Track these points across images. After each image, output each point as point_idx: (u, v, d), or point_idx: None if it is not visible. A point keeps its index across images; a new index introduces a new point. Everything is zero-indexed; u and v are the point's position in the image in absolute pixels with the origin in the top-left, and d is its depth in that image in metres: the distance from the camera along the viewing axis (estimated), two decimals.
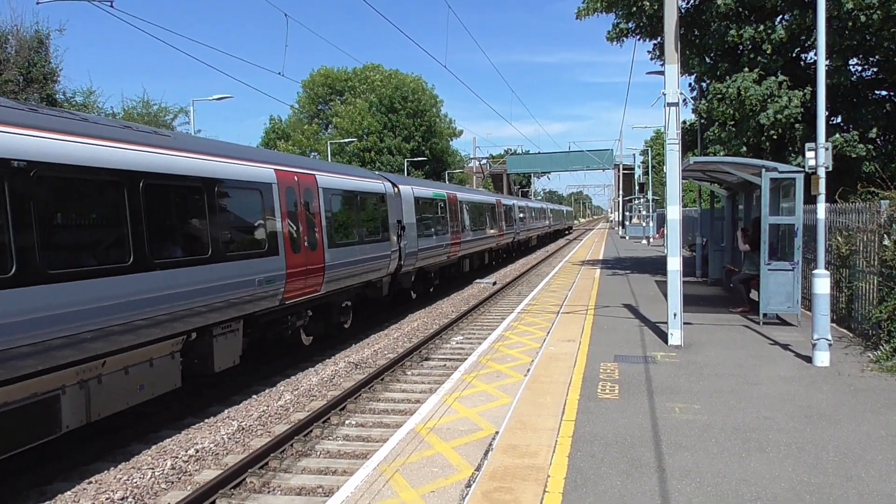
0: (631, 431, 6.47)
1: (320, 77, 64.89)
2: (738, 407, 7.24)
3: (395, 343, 14.17)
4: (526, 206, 44.12)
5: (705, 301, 14.83)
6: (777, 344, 10.39)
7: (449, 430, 6.71)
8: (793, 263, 11.48)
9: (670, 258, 10.25)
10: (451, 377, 8.91)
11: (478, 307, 18.68)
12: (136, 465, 7.41)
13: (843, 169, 15.27)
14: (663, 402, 7.42)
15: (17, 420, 6.43)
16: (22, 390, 6.44)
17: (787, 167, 12.12)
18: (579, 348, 10.26)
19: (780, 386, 8.06)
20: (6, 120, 6.45)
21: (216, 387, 10.59)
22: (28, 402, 6.55)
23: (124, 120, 29.14)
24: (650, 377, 8.48)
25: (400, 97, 59.23)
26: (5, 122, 6.41)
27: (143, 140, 8.28)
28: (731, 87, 16.18)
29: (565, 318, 13.17)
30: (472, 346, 12.91)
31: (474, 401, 7.67)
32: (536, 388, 8.06)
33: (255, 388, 10.97)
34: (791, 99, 15.73)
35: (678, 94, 10.05)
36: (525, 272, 29.07)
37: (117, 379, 7.68)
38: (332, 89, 64.74)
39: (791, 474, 5.44)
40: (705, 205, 23.30)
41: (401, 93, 59.37)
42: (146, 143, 8.25)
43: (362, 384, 10.52)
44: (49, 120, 7.06)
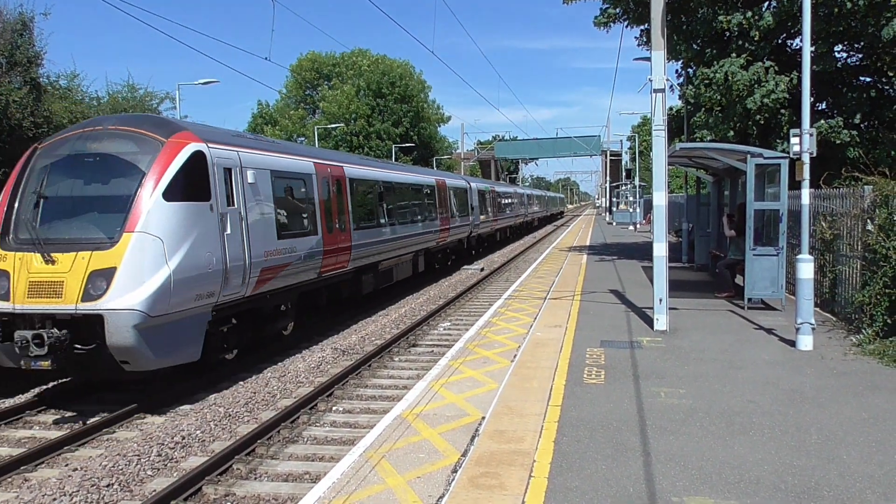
0: (616, 416, 6.50)
1: (308, 62, 64.27)
2: (723, 391, 7.29)
3: (382, 329, 14.15)
4: (532, 194, 54.30)
5: (691, 286, 14.90)
6: (761, 328, 10.47)
7: (436, 415, 6.70)
8: (777, 248, 11.55)
9: (656, 244, 10.27)
10: (439, 363, 8.91)
11: (465, 293, 18.67)
12: (122, 452, 7.36)
13: (828, 155, 15.32)
14: (649, 386, 7.45)
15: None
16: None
17: (772, 153, 12.16)
18: (566, 334, 10.28)
19: (764, 370, 8.12)
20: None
21: (204, 374, 10.53)
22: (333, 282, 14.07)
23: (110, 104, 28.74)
24: (636, 362, 8.52)
25: (388, 82, 58.78)
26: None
27: (276, 149, 12.61)
28: (719, 73, 16.15)
29: (552, 303, 13.19)
30: (460, 332, 12.91)
31: (461, 387, 7.67)
32: (523, 374, 8.07)
33: (242, 375, 10.91)
34: (777, 84, 15.73)
35: (665, 81, 10.03)
36: (513, 258, 29.12)
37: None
38: (319, 74, 64.19)
39: (774, 457, 5.49)
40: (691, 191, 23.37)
41: (388, 78, 58.92)
42: (280, 151, 12.66)
43: (349, 370, 10.50)
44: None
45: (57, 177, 9.20)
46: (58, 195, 9.09)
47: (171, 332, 8.81)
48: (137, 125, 9.50)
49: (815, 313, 9.66)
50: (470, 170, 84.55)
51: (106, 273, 8.31)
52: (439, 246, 23.12)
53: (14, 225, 8.96)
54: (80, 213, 9.00)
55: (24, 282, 8.45)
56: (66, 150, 9.35)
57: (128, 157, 9.09)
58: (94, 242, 8.51)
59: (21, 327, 8.38)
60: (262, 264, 10.73)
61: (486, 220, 31.86)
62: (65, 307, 8.30)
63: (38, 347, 8.10)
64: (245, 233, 10.33)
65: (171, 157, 9.06)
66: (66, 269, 8.37)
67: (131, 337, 8.24)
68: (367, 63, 60.77)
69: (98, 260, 8.35)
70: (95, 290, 8.28)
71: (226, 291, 9.85)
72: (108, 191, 9.02)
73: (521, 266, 25.91)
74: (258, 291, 10.83)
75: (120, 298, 8.25)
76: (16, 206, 9.09)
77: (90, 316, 8.26)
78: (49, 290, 8.37)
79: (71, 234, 8.72)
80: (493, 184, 38.95)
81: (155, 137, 9.26)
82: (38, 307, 8.37)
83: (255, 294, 10.79)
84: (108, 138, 9.31)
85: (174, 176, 8.99)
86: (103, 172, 9.12)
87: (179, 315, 8.91)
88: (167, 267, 8.65)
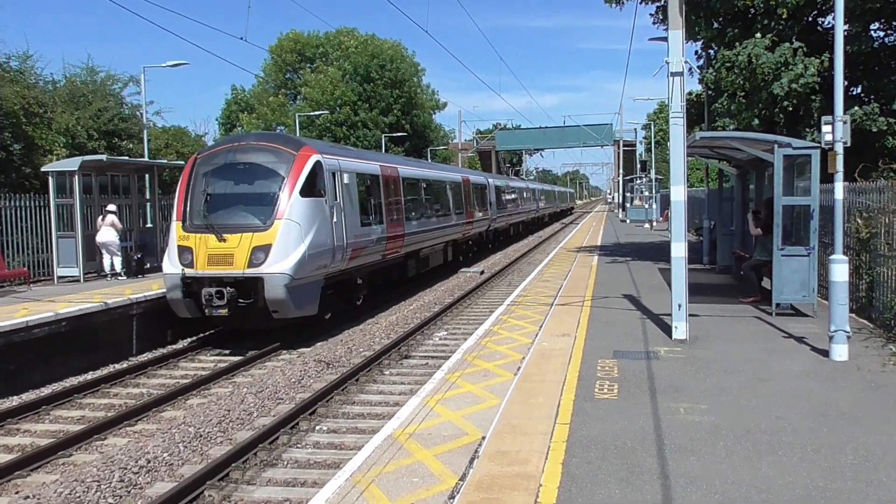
0: (631, 435, 6.48)
1: (288, 42, 64.30)
2: (749, 406, 7.28)
3: (371, 339, 14.14)
4: (542, 189, 61.00)
5: (713, 290, 14.91)
6: (791, 336, 10.48)
7: (431, 435, 6.68)
8: (808, 248, 11.55)
9: (674, 244, 10.27)
10: (434, 377, 8.89)
11: (463, 299, 18.72)
12: (79, 478, 7.32)
13: (863, 144, 15.35)
14: (667, 401, 7.45)
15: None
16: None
17: (801, 143, 12.17)
18: (575, 344, 10.27)
19: (794, 382, 8.12)
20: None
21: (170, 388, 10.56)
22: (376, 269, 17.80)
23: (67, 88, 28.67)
24: (652, 375, 8.51)
25: (377, 65, 58.81)
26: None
27: (359, 155, 18.49)
28: (742, 55, 16.17)
29: (559, 310, 13.19)
30: (457, 343, 12.91)
31: (459, 403, 7.65)
32: (527, 389, 8.05)
33: (214, 391, 10.90)
34: (807, 67, 15.76)
35: (683, 63, 10.00)
36: (516, 260, 29.18)
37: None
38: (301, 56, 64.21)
39: (806, 479, 5.48)
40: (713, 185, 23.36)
41: (378, 61, 58.94)
42: (363, 158, 18.23)
43: (334, 385, 10.49)
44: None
45: (217, 179, 13.86)
46: (220, 193, 13.70)
47: (303, 292, 13.41)
48: (273, 141, 14.46)
49: (851, 320, 9.66)
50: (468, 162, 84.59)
51: (264, 248, 12.88)
52: (464, 238, 27.92)
53: (190, 214, 13.57)
54: (239, 206, 13.54)
55: (203, 254, 13.04)
56: (221, 160, 14.03)
57: (270, 165, 13.72)
58: (253, 227, 13.08)
59: (202, 287, 12.91)
60: (352, 245, 15.38)
61: (503, 215, 36.63)
62: (234, 272, 12.90)
63: (219, 300, 12.74)
64: (343, 221, 14.90)
65: (302, 165, 13.72)
66: (234, 245, 12.94)
67: (282, 293, 12.83)
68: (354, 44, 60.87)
69: (258, 239, 12.94)
70: (256, 260, 12.85)
71: (332, 265, 14.50)
72: (259, 189, 13.62)
73: (524, 268, 25.90)
74: (348, 266, 15.47)
75: (275, 265, 12.84)
76: (190, 200, 13.70)
77: (252, 278, 12.85)
78: (222, 260, 12.96)
79: (236, 221, 13.26)
80: (507, 179, 45.01)
81: (288, 151, 13.91)
82: (215, 272, 12.98)
83: (347, 269, 15.45)
84: (252, 151, 14.00)
85: (305, 179, 13.60)
86: (253, 176, 13.78)
87: (308, 280, 13.50)
88: (304, 244, 13.26)
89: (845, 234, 10.33)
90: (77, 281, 16.71)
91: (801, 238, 12.12)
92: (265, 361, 12.74)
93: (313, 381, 11.22)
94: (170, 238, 13.83)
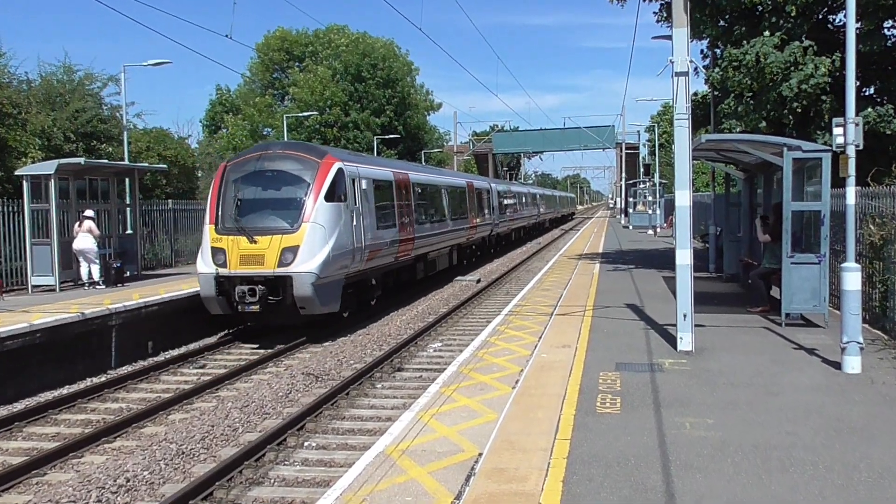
0: (635, 451, 6.48)
1: (275, 40, 64.30)
2: (758, 421, 7.29)
3: (362, 351, 14.12)
4: (543, 193, 64.07)
5: (720, 299, 14.94)
6: (801, 348, 10.50)
7: (425, 451, 6.67)
8: (819, 256, 11.59)
9: (679, 251, 10.29)
10: (428, 390, 8.87)
11: (459, 308, 18.77)
12: (54, 498, 7.28)
13: (876, 147, 15.43)
14: (672, 416, 7.45)
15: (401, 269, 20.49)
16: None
17: (812, 146, 12.22)
18: (576, 355, 10.27)
19: (805, 396, 8.13)
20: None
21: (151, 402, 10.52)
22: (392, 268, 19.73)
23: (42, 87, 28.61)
24: (657, 388, 8.51)
25: (368, 64, 58.90)
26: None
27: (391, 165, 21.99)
28: (749, 54, 16.25)
29: (559, 320, 13.20)
30: (453, 354, 12.90)
31: (454, 417, 7.64)
32: (526, 403, 8.04)
33: (197, 405, 10.87)
34: (817, 67, 15.85)
35: (688, 62, 10.05)
36: (515, 266, 29.22)
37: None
38: (289, 55, 64.24)
39: (818, 498, 5.48)
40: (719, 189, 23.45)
41: (369, 59, 59.03)
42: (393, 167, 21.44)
43: (324, 399, 10.48)
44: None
45: (247, 185, 15.50)
46: (250, 198, 15.36)
47: (328, 290, 15.02)
48: (298, 150, 16.40)
49: (864, 330, 9.70)
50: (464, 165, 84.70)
51: (293, 249, 14.45)
52: (468, 242, 29.53)
53: (222, 218, 15.11)
54: (268, 210, 15.17)
55: (236, 255, 14.59)
56: (250, 168, 15.67)
57: (296, 172, 15.35)
58: (282, 229, 14.66)
59: (234, 285, 14.51)
60: (369, 247, 16.98)
61: (504, 220, 38.39)
62: (265, 271, 14.45)
63: (251, 297, 14.33)
64: (361, 224, 16.55)
65: (326, 173, 15.32)
66: (265, 246, 14.48)
67: (309, 290, 14.41)
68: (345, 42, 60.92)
69: (286, 240, 14.50)
70: (286, 260, 14.40)
71: (352, 265, 16.11)
72: (287, 195, 15.26)
73: (522, 276, 25.91)
74: (365, 267, 17.04)
75: (303, 265, 14.41)
76: (221, 205, 15.27)
77: (282, 277, 14.42)
78: (254, 260, 14.54)
79: (266, 224, 14.85)
80: (509, 184, 47.92)
81: (312, 159, 15.59)
82: (247, 272, 14.55)
83: (364, 269, 17.00)
84: (279, 159, 15.62)
85: (329, 185, 15.22)
86: (281, 183, 15.44)
87: (331, 279, 15.14)
88: (328, 245, 14.87)
89: (858, 241, 10.36)
90: (53, 290, 16.67)
91: (811, 245, 12.16)
92: (251, 375, 12.72)
93: (301, 394, 11.20)
94: (203, 240, 15.40)
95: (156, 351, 14.63)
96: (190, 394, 11.31)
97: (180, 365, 13.63)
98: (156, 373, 12.99)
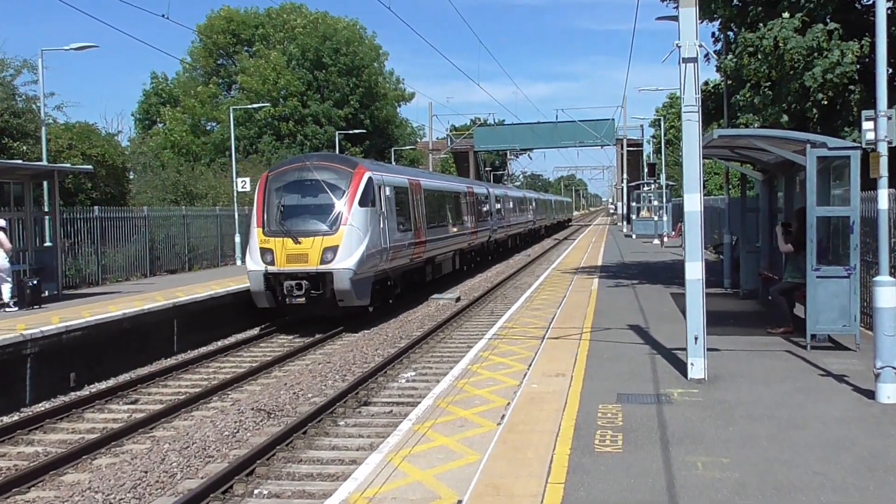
0: (639, 496, 6.50)
1: (221, 21, 64.15)
2: (780, 459, 7.33)
3: (321, 381, 14.07)
4: (539, 198, 71.89)
5: (736, 319, 15.05)
6: (829, 374, 10.59)
7: (395, 499, 6.64)
8: (848, 268, 11.70)
9: (689, 263, 10.36)
10: (400, 428, 8.84)
11: (436, 332, 18.84)
12: None
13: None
14: (681, 455, 7.47)
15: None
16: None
17: (839, 142, 12.37)
18: (571, 385, 10.29)
19: (834, 430, 8.19)
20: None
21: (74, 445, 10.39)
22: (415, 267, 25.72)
23: None
24: (664, 422, 8.54)
25: (329, 49, 59.01)
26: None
27: (403, 171, 29.28)
28: (767, 38, 16.46)
29: (552, 344, 13.23)
30: (428, 385, 12.87)
31: (430, 459, 7.61)
32: (514, 441, 8.04)
33: (128, 448, 10.75)
34: (844, 53, 16.07)
35: (697, 47, 10.15)
36: (499, 283, 29.29)
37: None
38: (236, 38, 64.10)
39: None
40: (735, 192, 23.72)
41: (331, 43, 59.15)
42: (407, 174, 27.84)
43: (277, 439, 10.41)
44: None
45: (289, 193, 20.22)
46: (292, 204, 20.04)
47: (362, 285, 19.73)
48: (333, 161, 21.85)
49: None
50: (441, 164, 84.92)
51: (333, 249, 19.07)
52: (469, 248, 35.02)
53: (268, 222, 19.81)
54: (309, 215, 19.88)
55: (282, 254, 19.20)
56: (290, 178, 20.49)
57: (332, 181, 20.12)
58: (323, 231, 19.32)
59: (282, 281, 19.09)
60: (393, 248, 21.87)
61: (502, 226, 44.13)
62: (309, 268, 19.01)
63: (298, 291, 18.81)
64: (386, 227, 21.42)
65: (359, 181, 20.18)
66: (308, 247, 19.13)
67: (348, 284, 18.97)
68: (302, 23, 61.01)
69: (327, 241, 19.12)
70: (327, 258, 18.99)
71: (380, 264, 21.00)
72: (325, 201, 19.91)
73: (510, 294, 25.95)
74: (389, 266, 21.93)
75: (342, 262, 18.98)
76: (267, 211, 20.03)
77: (324, 273, 19.00)
78: (298, 259, 19.11)
79: (308, 227, 19.50)
80: (506, 189, 55.06)
81: (346, 169, 20.64)
82: (293, 269, 19.09)
83: (388, 268, 21.87)
84: (316, 170, 20.34)
85: (362, 192, 20.01)
86: (319, 190, 20.03)
87: (365, 276, 19.84)
88: (362, 245, 19.54)
89: (892, 251, 10.49)
90: None
91: (839, 256, 12.28)
92: (191, 411, 12.61)
93: (251, 434, 11.12)
94: (251, 241, 20.18)
95: (79, 384, 14.46)
96: (119, 434, 11.17)
97: (108, 400, 13.46)
98: (79, 410, 12.83)
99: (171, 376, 15.27)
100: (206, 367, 16.29)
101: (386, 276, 21.94)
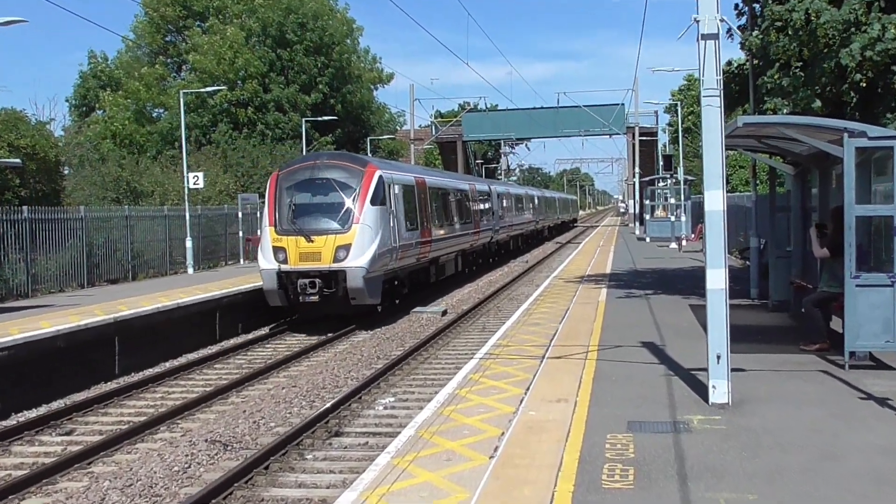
0: None
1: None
2: (815, 495, 7.36)
3: (286, 408, 14.05)
4: (542, 196, 73.86)
5: (765, 335, 15.11)
6: (871, 397, 10.64)
7: None
8: (892, 276, 11.76)
9: (711, 271, 10.38)
10: (376, 462, 8.83)
11: (418, 350, 18.81)
12: None
13: None
14: (702, 491, 7.49)
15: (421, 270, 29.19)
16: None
17: (880, 131, 12.43)
18: (575, 412, 10.30)
19: (875, 461, 8.23)
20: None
21: None
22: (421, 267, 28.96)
23: None
24: (682, 453, 8.56)
25: (295, 24, 58.97)
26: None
27: (411, 170, 33.44)
28: (797, 11, 16.53)
29: (554, 365, 13.24)
30: (409, 413, 12.87)
31: (411, 498, 7.61)
32: (509, 477, 8.04)
33: (61, 486, 10.70)
34: (886, 27, 16.15)
35: (718, 22, 10.19)
36: (495, 293, 29.36)
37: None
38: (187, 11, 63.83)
39: None
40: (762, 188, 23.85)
41: (296, 17, 59.10)
42: (415, 172, 31.66)
43: (235, 475, 10.40)
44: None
45: (300, 192, 22.99)
46: (304, 203, 22.85)
47: (374, 284, 22.36)
48: (343, 160, 24.73)
49: None
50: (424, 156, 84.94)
51: (345, 247, 21.64)
52: (471, 249, 38.04)
53: (280, 220, 22.41)
54: (320, 214, 22.64)
55: (295, 253, 21.81)
56: (301, 176, 23.24)
57: (344, 180, 22.92)
58: (335, 230, 22.01)
59: (294, 279, 21.63)
60: (402, 247, 24.66)
61: (504, 226, 47.28)
62: (321, 266, 21.57)
63: (311, 289, 21.31)
64: (396, 226, 24.12)
65: (370, 180, 22.90)
66: (321, 245, 21.74)
67: (360, 283, 21.64)
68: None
69: (340, 240, 21.75)
70: (339, 256, 21.55)
71: (391, 263, 23.75)
72: (337, 200, 22.69)
73: (504, 306, 25.97)
74: (398, 266, 24.69)
75: (355, 260, 21.60)
76: (278, 209, 22.62)
77: (336, 271, 21.57)
78: (311, 257, 21.66)
79: (320, 226, 22.22)
80: (507, 186, 59.46)
81: (357, 168, 23.42)
82: (305, 267, 21.64)
83: (397, 267, 24.60)
84: (327, 169, 23.28)
85: (373, 191, 22.70)
86: (331, 189, 22.88)
87: (376, 274, 22.49)
88: (374, 243, 22.20)
89: None
90: None
91: (882, 262, 12.33)
92: (135, 443, 12.57)
93: (204, 469, 11.09)
94: (263, 241, 22.63)
95: (5, 412, 14.39)
96: (52, 470, 11.09)
97: (39, 431, 13.38)
98: (5, 442, 12.76)
99: (112, 403, 15.20)
100: (152, 391, 16.23)
101: (395, 276, 24.70)
